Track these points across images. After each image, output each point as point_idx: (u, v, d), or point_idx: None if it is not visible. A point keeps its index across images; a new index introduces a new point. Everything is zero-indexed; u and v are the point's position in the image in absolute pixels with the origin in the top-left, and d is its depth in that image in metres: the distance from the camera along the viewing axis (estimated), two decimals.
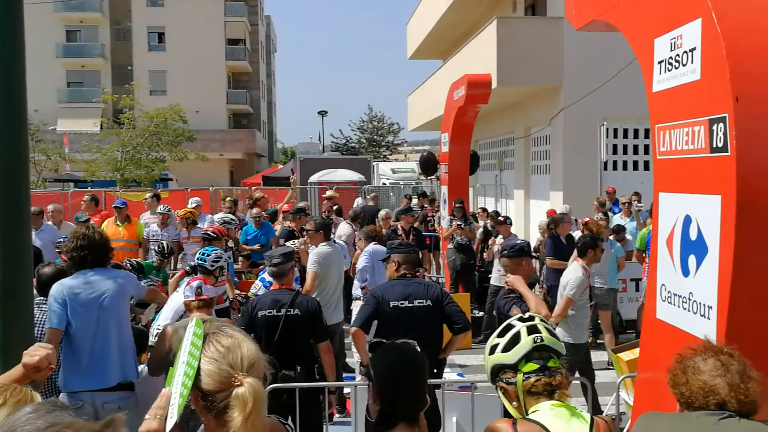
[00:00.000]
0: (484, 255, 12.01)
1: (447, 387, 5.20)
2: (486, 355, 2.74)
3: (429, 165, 14.29)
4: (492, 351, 2.70)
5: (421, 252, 10.69)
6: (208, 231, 8.26)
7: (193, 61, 48.59)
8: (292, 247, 6.81)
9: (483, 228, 12.20)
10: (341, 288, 7.80)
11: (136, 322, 6.27)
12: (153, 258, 8.82)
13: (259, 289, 7.08)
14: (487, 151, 23.71)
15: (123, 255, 9.07)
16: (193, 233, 10.28)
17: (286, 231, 10.41)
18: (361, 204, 17.40)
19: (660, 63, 3.50)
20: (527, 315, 2.76)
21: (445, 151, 12.68)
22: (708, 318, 3.11)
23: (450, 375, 7.91)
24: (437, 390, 4.91)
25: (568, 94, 15.77)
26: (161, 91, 46.79)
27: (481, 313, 10.93)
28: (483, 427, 2.69)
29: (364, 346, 5.18)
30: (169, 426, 1.93)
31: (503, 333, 2.70)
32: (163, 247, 8.58)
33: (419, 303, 5.12)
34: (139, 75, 45.87)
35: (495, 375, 2.69)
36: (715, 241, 3.06)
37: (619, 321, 10.05)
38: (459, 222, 11.45)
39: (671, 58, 3.38)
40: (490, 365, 2.71)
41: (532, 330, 2.64)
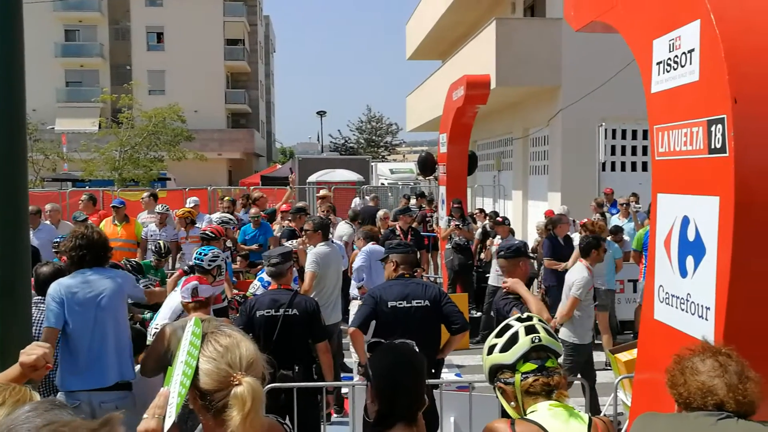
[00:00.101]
0: (481, 255, 12.02)
1: (445, 387, 5.20)
2: (484, 355, 2.74)
3: (427, 165, 14.31)
4: (490, 351, 2.69)
5: (420, 252, 10.68)
6: (206, 231, 8.25)
7: (192, 61, 48.55)
8: (290, 247, 6.81)
9: (482, 228, 12.20)
10: (339, 288, 7.81)
11: (134, 321, 6.27)
12: (150, 258, 8.82)
13: (258, 289, 7.07)
14: (486, 152, 23.72)
15: (121, 255, 9.06)
16: (192, 233, 10.27)
17: (287, 230, 10.42)
18: (359, 203, 17.42)
19: (659, 64, 3.50)
20: (525, 315, 2.76)
21: (444, 152, 12.68)
22: (706, 319, 3.11)
23: (448, 375, 7.92)
24: (435, 390, 4.91)
25: (566, 94, 15.78)
26: (160, 91, 46.74)
27: (479, 314, 10.94)
28: (481, 427, 2.68)
29: (362, 346, 5.18)
30: (168, 425, 1.93)
31: (501, 333, 2.70)
32: (160, 247, 8.57)
33: (417, 303, 5.12)
34: (138, 75, 45.86)
35: (493, 375, 2.69)
36: (713, 242, 3.07)
37: (616, 322, 10.05)
38: (457, 222, 11.45)
39: (670, 59, 3.38)
40: (488, 365, 2.70)
41: (530, 330, 2.64)
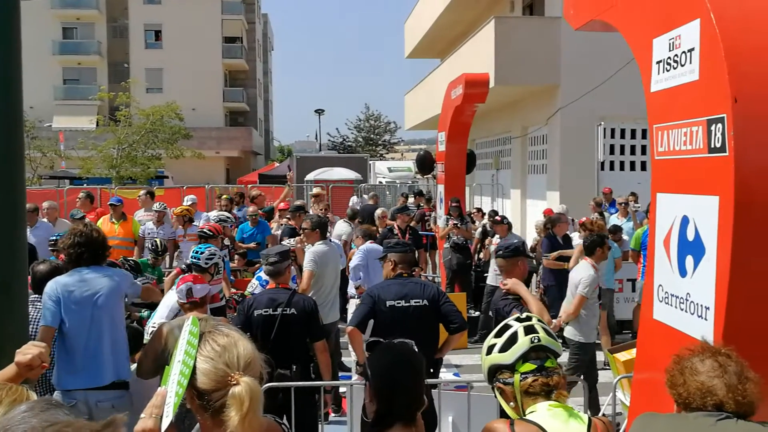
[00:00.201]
0: (480, 255, 12.00)
1: (443, 387, 5.19)
2: (483, 355, 2.73)
3: (426, 164, 14.29)
4: (489, 351, 2.68)
5: (418, 251, 10.67)
6: (204, 229, 8.24)
7: (190, 59, 48.46)
8: (288, 246, 6.80)
9: (482, 228, 12.18)
10: (337, 287, 7.79)
11: (131, 320, 6.25)
12: (147, 256, 8.80)
13: (256, 288, 7.06)
14: (484, 150, 23.71)
15: (118, 253, 9.05)
16: (190, 231, 10.26)
17: (288, 228, 10.42)
18: (358, 202, 17.41)
19: (658, 63, 3.49)
20: (524, 315, 2.75)
21: (442, 150, 12.67)
22: (705, 319, 3.10)
23: (446, 375, 7.91)
24: (433, 390, 4.90)
25: (565, 93, 15.78)
26: (158, 89, 46.64)
27: (477, 313, 10.93)
28: (479, 427, 2.68)
29: (360, 345, 5.17)
30: (165, 425, 1.92)
31: (500, 333, 2.69)
32: (157, 245, 8.56)
33: (415, 302, 5.11)
34: (136, 72, 45.78)
35: (492, 375, 2.68)
36: (713, 242, 3.06)
37: (614, 322, 10.05)
38: (455, 221, 11.44)
39: (670, 58, 3.37)
40: (487, 365, 2.69)
41: (529, 330, 2.63)
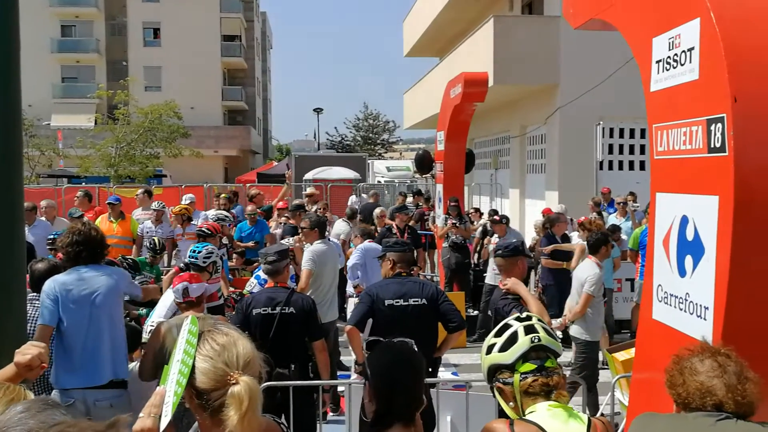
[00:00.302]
0: (480, 254, 11.99)
1: (441, 386, 5.19)
2: (483, 355, 2.72)
3: (424, 163, 14.29)
4: (489, 351, 2.67)
5: (416, 250, 10.67)
6: (202, 228, 8.23)
7: (189, 57, 48.43)
8: (287, 245, 6.79)
9: (482, 227, 12.16)
10: (336, 286, 7.79)
11: (129, 318, 6.24)
12: (146, 254, 8.80)
13: (254, 287, 7.06)
14: (483, 150, 23.71)
15: (117, 251, 9.03)
16: (188, 230, 10.25)
17: (289, 227, 10.43)
18: (356, 201, 17.41)
19: (658, 62, 3.49)
20: (524, 315, 2.74)
21: (441, 150, 12.66)
22: (704, 319, 3.10)
23: (444, 374, 7.90)
24: (432, 389, 4.90)
25: (564, 93, 15.78)
26: (156, 87, 46.60)
27: (476, 312, 10.93)
28: (478, 426, 2.67)
29: (359, 344, 5.17)
30: (164, 424, 1.91)
31: (500, 333, 2.68)
32: (155, 244, 8.56)
33: (414, 302, 5.11)
34: (134, 71, 45.75)
35: (492, 375, 2.67)
36: (712, 242, 3.06)
37: (613, 321, 10.05)
38: (454, 221, 11.43)
39: (669, 57, 3.37)
40: (486, 365, 2.69)
41: (529, 330, 2.62)
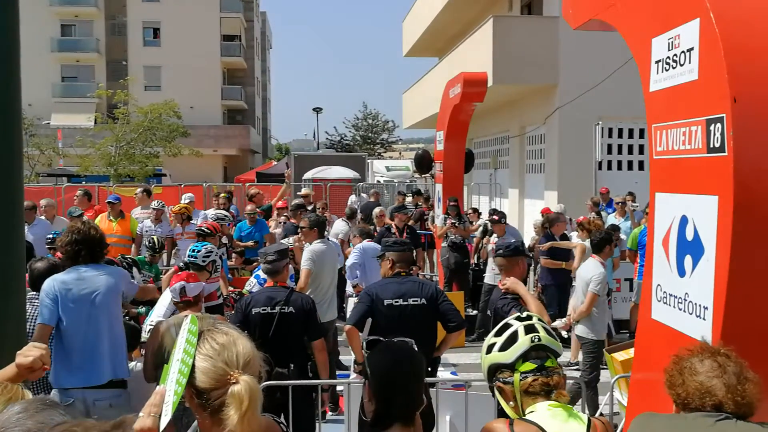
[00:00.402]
0: (479, 254, 11.99)
1: (441, 386, 5.19)
2: (483, 354, 2.72)
3: (424, 163, 14.28)
4: (489, 350, 2.68)
5: (416, 250, 10.68)
6: (202, 227, 8.24)
7: (188, 57, 48.40)
8: (286, 245, 6.80)
9: (482, 227, 12.16)
10: (335, 286, 7.79)
11: (129, 317, 6.24)
12: (145, 253, 8.80)
13: (254, 286, 7.06)
14: (482, 150, 23.71)
15: (116, 250, 9.02)
16: (188, 229, 10.25)
17: (291, 226, 10.44)
18: (356, 201, 17.41)
19: (657, 63, 3.49)
20: (525, 314, 2.74)
21: (440, 149, 12.66)
22: (703, 319, 3.10)
23: (443, 373, 7.91)
24: (431, 389, 4.90)
25: (563, 93, 15.79)
26: (156, 87, 46.60)
27: (475, 312, 10.93)
28: (477, 426, 2.67)
29: (358, 343, 5.17)
30: (163, 424, 1.91)
31: (500, 332, 2.68)
32: (154, 242, 8.56)
33: (414, 301, 5.11)
34: (134, 70, 45.74)
35: (492, 374, 2.67)
36: (712, 242, 3.06)
37: (612, 321, 10.06)
38: (453, 220, 11.44)
39: (669, 57, 3.37)
40: (486, 364, 2.69)
41: (529, 329, 2.63)
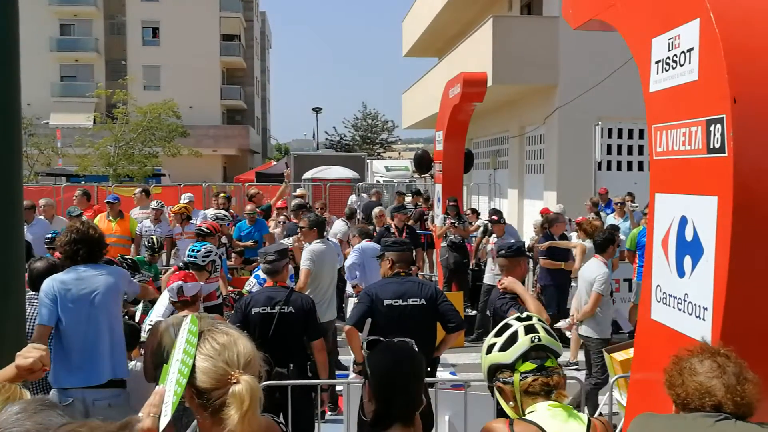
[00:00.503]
0: (478, 254, 11.98)
1: (440, 386, 5.19)
2: (483, 355, 2.72)
3: (423, 163, 14.28)
4: (489, 350, 2.68)
5: (415, 250, 10.67)
6: (201, 227, 8.24)
7: (188, 57, 48.39)
8: (286, 245, 6.80)
9: (483, 227, 12.16)
10: (335, 286, 7.79)
11: (128, 316, 6.23)
12: (144, 253, 8.80)
13: (254, 286, 7.06)
14: (482, 150, 23.71)
15: (115, 250, 9.02)
16: (187, 229, 10.25)
17: (293, 226, 10.45)
18: (356, 201, 17.41)
19: (657, 63, 3.48)
20: (525, 315, 2.74)
21: (440, 149, 12.65)
22: (703, 319, 3.10)
23: (442, 374, 7.91)
24: (430, 389, 4.90)
25: (562, 93, 15.79)
26: (155, 86, 46.62)
27: (474, 312, 10.93)
28: (476, 426, 2.67)
29: (357, 344, 5.17)
30: (163, 424, 1.90)
31: (500, 332, 2.68)
32: (153, 242, 8.56)
33: (413, 302, 5.10)
34: (133, 70, 45.72)
35: (492, 374, 2.67)
36: (711, 242, 3.06)
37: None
38: (452, 220, 11.43)
39: (669, 58, 3.36)
40: (486, 364, 2.69)
41: (529, 330, 2.63)
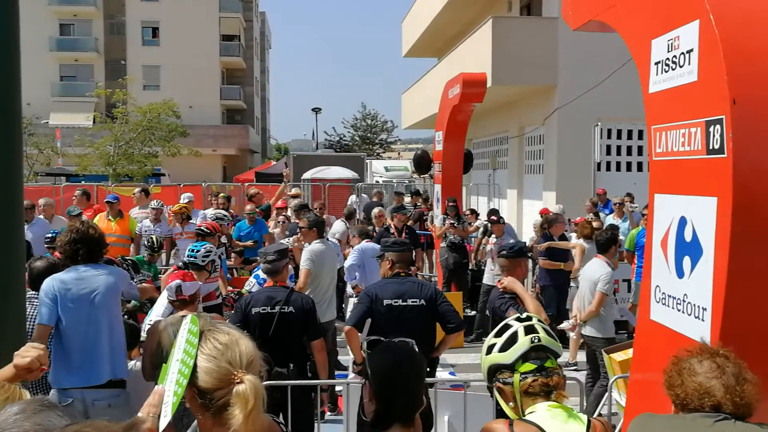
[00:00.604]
0: (478, 254, 11.99)
1: (439, 386, 5.19)
2: (483, 355, 2.72)
3: (423, 163, 14.28)
4: (489, 351, 2.68)
5: (415, 250, 10.67)
6: (201, 227, 8.24)
7: (187, 57, 48.37)
8: (286, 245, 6.80)
9: (483, 227, 12.16)
10: (334, 286, 7.80)
11: (127, 315, 6.23)
12: (144, 253, 8.80)
13: (254, 286, 7.06)
14: (481, 150, 23.72)
15: (115, 250, 9.02)
16: (187, 229, 10.25)
17: (296, 225, 10.46)
18: (355, 201, 17.40)
19: (657, 64, 3.49)
20: (524, 315, 2.74)
21: (439, 150, 12.66)
22: (702, 320, 3.11)
23: (442, 374, 7.91)
24: (429, 389, 4.90)
25: (562, 94, 15.80)
26: (155, 86, 46.60)
27: (474, 312, 10.93)
28: (475, 426, 2.68)
29: (357, 344, 5.17)
30: (163, 425, 1.88)
31: (500, 333, 2.68)
32: (153, 242, 8.56)
33: (413, 302, 5.11)
34: (133, 69, 45.70)
35: (492, 375, 2.67)
36: (711, 243, 3.06)
37: None
38: (452, 221, 11.43)
39: (668, 59, 3.37)
40: (486, 365, 2.69)
41: (529, 330, 2.63)
